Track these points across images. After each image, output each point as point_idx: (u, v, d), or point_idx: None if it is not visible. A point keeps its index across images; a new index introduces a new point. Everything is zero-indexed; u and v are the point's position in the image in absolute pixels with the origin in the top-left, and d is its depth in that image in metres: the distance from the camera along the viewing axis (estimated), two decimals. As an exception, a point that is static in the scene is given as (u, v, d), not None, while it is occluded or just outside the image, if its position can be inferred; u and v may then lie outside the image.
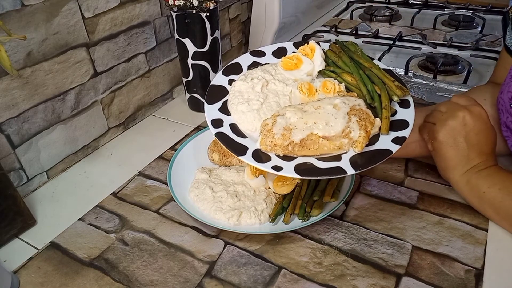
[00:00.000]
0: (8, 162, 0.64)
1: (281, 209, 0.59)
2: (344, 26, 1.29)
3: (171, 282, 0.52)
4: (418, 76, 0.96)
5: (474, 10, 1.33)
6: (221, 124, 0.57)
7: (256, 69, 0.64)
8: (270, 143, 0.53)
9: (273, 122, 0.54)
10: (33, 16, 0.62)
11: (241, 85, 0.60)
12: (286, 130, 0.53)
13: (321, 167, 0.51)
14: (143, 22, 0.82)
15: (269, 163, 0.52)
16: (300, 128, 0.53)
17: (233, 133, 0.56)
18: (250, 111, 0.57)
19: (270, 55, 0.68)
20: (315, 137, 0.52)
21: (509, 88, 0.61)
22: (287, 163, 0.52)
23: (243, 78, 0.62)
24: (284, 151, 0.53)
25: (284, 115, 0.54)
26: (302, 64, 0.63)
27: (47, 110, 0.68)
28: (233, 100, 0.59)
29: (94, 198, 0.66)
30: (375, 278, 0.51)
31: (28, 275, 0.54)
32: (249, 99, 0.59)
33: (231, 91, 0.61)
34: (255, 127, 0.57)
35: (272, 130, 0.53)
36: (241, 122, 0.57)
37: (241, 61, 0.66)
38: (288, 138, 0.52)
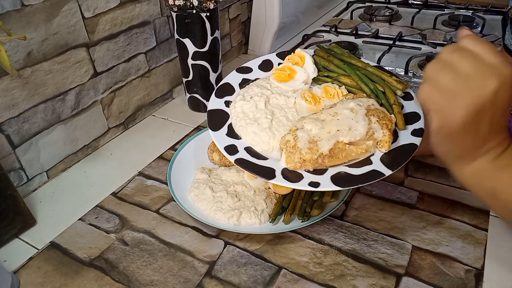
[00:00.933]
0: (8, 162, 0.64)
1: (281, 209, 0.59)
2: (344, 26, 1.29)
3: (171, 282, 0.52)
4: (418, 76, 0.96)
5: (474, 10, 1.33)
6: (236, 149, 0.53)
7: (250, 87, 0.61)
8: (299, 159, 0.50)
9: (295, 137, 0.51)
10: (33, 16, 0.62)
11: (243, 105, 0.58)
12: (311, 143, 0.51)
13: (356, 174, 0.50)
14: (143, 22, 0.82)
15: (303, 181, 0.49)
16: (325, 138, 0.51)
17: (252, 157, 0.53)
18: (262, 130, 0.55)
19: (257, 69, 0.65)
20: (341, 144, 0.51)
21: None
22: (321, 177, 0.50)
23: (242, 98, 0.59)
24: (314, 165, 0.50)
25: (303, 128, 0.52)
26: (296, 74, 0.61)
27: (47, 110, 0.68)
28: (239, 122, 0.56)
29: (94, 198, 0.66)
30: (375, 278, 0.51)
31: (28, 275, 0.54)
32: (256, 118, 0.56)
33: (234, 114, 0.58)
34: (272, 146, 0.54)
35: (297, 146, 0.50)
36: (255, 144, 0.55)
37: (230, 81, 0.63)
38: (316, 150, 0.50)
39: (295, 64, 0.62)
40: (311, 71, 0.62)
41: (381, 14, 1.36)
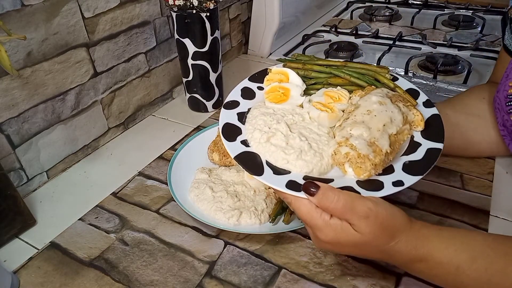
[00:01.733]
0: (8, 162, 0.64)
1: (281, 209, 0.59)
2: (344, 26, 1.29)
3: (171, 282, 0.52)
4: (418, 76, 0.96)
5: (474, 10, 1.33)
6: (298, 183, 0.47)
7: (255, 118, 0.55)
8: (371, 166, 0.47)
9: (352, 147, 0.48)
10: (33, 16, 0.62)
11: (270, 139, 0.52)
12: (372, 146, 0.48)
13: (417, 158, 0.49)
14: (143, 22, 0.82)
15: (386, 185, 0.46)
16: (379, 136, 0.49)
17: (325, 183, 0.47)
18: (307, 155, 0.50)
19: (242, 100, 0.58)
20: (393, 137, 0.50)
21: (505, 87, 0.62)
22: (393, 175, 0.48)
23: (260, 132, 0.53)
24: (384, 165, 0.48)
25: (353, 136, 0.49)
26: (290, 91, 0.58)
27: (47, 110, 0.68)
28: (279, 156, 0.50)
29: (94, 198, 0.66)
30: (375, 278, 0.51)
31: (28, 275, 0.54)
32: (292, 146, 0.51)
33: (265, 151, 0.51)
34: (325, 166, 0.50)
35: (362, 154, 0.47)
36: (310, 171, 0.49)
37: (228, 121, 0.55)
38: (380, 151, 0.48)
39: (281, 82, 0.59)
40: (300, 83, 0.59)
41: (381, 14, 1.36)
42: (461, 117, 0.67)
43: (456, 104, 0.69)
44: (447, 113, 0.67)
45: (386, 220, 0.43)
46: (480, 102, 0.68)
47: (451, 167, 0.68)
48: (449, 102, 0.71)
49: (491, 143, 0.67)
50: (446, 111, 0.67)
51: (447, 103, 0.70)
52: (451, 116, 0.66)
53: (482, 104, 0.68)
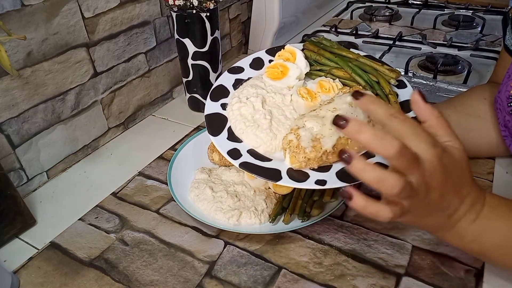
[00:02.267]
0: (8, 162, 0.64)
1: (281, 209, 0.59)
2: (344, 26, 1.29)
3: (171, 282, 0.52)
4: (418, 76, 0.96)
5: (474, 10, 1.33)
6: (239, 153, 0.53)
7: (244, 87, 0.60)
8: (303, 158, 0.50)
9: (297, 137, 0.51)
10: (33, 16, 0.62)
11: (240, 108, 0.57)
12: (315, 141, 0.50)
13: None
14: (143, 22, 0.82)
15: (309, 180, 0.49)
16: (327, 135, 0.51)
17: (256, 159, 0.53)
18: (262, 131, 0.54)
19: (248, 68, 0.65)
20: (344, 140, 0.51)
21: (506, 87, 0.62)
22: (326, 174, 0.50)
23: (238, 100, 0.59)
24: (319, 163, 0.50)
25: (305, 127, 0.52)
26: (289, 71, 0.60)
27: (47, 110, 0.68)
28: (239, 125, 0.56)
29: (94, 198, 0.66)
30: (375, 278, 0.51)
31: (28, 275, 0.54)
32: (255, 120, 0.56)
33: (232, 117, 0.57)
34: (274, 147, 0.54)
35: (301, 145, 0.50)
36: (258, 146, 0.54)
37: (223, 83, 0.62)
38: (320, 148, 0.50)
39: (287, 60, 0.62)
40: (303, 66, 0.61)
41: (381, 14, 1.36)
42: (463, 118, 0.67)
43: (457, 104, 0.69)
44: (449, 114, 0.67)
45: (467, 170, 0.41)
46: (481, 102, 0.68)
47: (451, 167, 0.68)
48: (450, 102, 0.71)
49: (492, 144, 0.67)
50: (448, 112, 0.67)
51: (448, 104, 0.70)
52: (453, 117, 0.66)
53: (483, 105, 0.68)
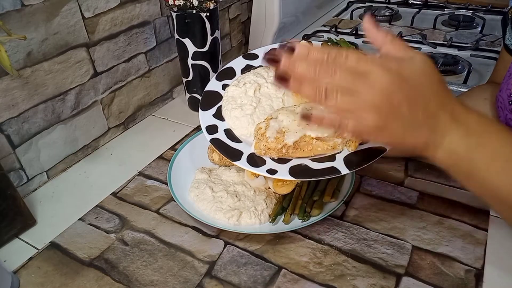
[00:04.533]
0: (8, 162, 0.64)
1: (281, 209, 0.59)
2: (344, 26, 1.29)
3: (171, 282, 0.52)
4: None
5: (474, 10, 1.33)
6: (216, 130, 0.57)
7: (248, 73, 0.63)
8: (264, 147, 0.53)
9: (266, 126, 0.54)
10: (33, 16, 0.62)
11: (234, 91, 0.60)
12: (279, 133, 0.53)
13: (315, 168, 0.51)
14: (143, 22, 0.82)
15: (263, 167, 0.52)
16: (293, 130, 0.53)
17: (228, 139, 0.56)
18: (243, 116, 0.58)
19: (262, 56, 0.67)
20: (308, 138, 0.52)
21: (507, 86, 0.62)
22: (281, 166, 0.52)
23: (236, 83, 0.62)
24: (278, 154, 0.53)
25: (277, 118, 0.54)
26: None
27: (47, 110, 0.68)
28: (226, 106, 0.59)
29: (94, 198, 0.66)
30: (375, 278, 0.51)
31: (28, 275, 0.54)
32: (242, 104, 0.59)
33: (225, 97, 0.61)
34: (250, 132, 0.57)
35: (265, 134, 0.53)
36: (235, 128, 0.58)
37: (234, 65, 0.66)
38: (282, 141, 0.53)
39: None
40: None
41: (381, 14, 1.36)
42: None
43: None
44: None
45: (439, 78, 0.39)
46: (482, 103, 0.68)
47: (451, 167, 0.68)
48: None
49: None
50: None
51: None
52: None
53: (483, 105, 0.68)
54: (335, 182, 0.62)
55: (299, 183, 0.62)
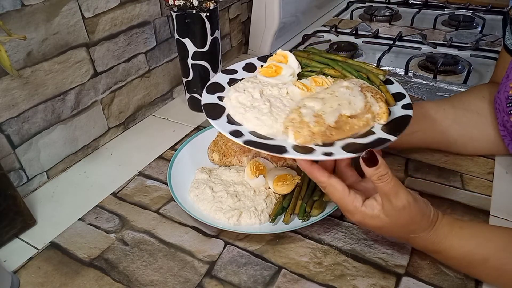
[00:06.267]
0: (8, 162, 0.64)
1: (281, 209, 0.59)
2: (344, 26, 1.29)
3: (171, 282, 0.52)
4: (418, 76, 0.96)
5: (474, 10, 1.33)
6: (241, 133, 0.52)
7: (240, 83, 0.61)
8: (308, 132, 0.50)
9: (299, 114, 0.51)
10: (33, 16, 0.62)
11: (238, 97, 0.57)
12: (317, 117, 0.51)
13: (365, 142, 0.50)
14: (143, 22, 0.82)
15: (316, 152, 0.48)
16: (328, 111, 0.51)
17: (259, 138, 0.52)
18: (263, 115, 0.54)
19: (241, 71, 0.66)
20: (344, 117, 0.52)
21: (505, 88, 0.62)
22: (331, 148, 0.49)
23: (235, 90, 0.59)
24: (322, 138, 0.50)
25: (306, 106, 0.53)
26: (282, 70, 0.62)
27: (47, 110, 0.68)
28: (238, 111, 0.55)
29: (94, 198, 0.66)
30: (375, 278, 0.51)
31: (28, 275, 0.54)
32: (254, 106, 0.56)
33: (231, 105, 0.57)
34: (276, 130, 0.53)
35: (304, 121, 0.50)
36: (259, 128, 0.53)
37: (218, 80, 0.63)
38: (323, 123, 0.50)
39: (280, 63, 0.64)
40: (295, 66, 0.63)
41: (381, 14, 1.36)
42: (459, 112, 0.67)
43: (455, 101, 0.69)
44: (445, 108, 0.67)
45: (415, 217, 0.47)
46: (480, 100, 0.68)
47: (451, 167, 0.68)
48: (449, 99, 0.71)
49: (490, 142, 0.67)
50: (444, 107, 0.67)
51: (446, 100, 0.70)
52: (449, 112, 0.67)
53: (481, 103, 0.68)
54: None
55: (299, 182, 0.62)
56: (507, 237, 0.47)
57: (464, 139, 0.68)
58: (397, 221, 0.47)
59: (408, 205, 0.46)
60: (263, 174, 0.63)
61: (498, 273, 0.46)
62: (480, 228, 0.50)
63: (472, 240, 0.48)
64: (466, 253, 0.47)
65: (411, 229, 0.48)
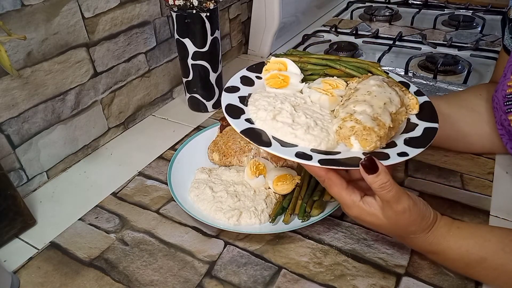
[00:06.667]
0: (8, 162, 0.64)
1: (281, 209, 0.59)
2: (344, 26, 1.29)
3: (171, 282, 0.52)
4: (418, 76, 0.96)
5: (474, 10, 1.33)
6: (307, 155, 0.48)
7: (257, 100, 0.56)
8: (377, 138, 0.48)
9: (357, 121, 0.50)
10: (33, 16, 0.62)
11: (275, 116, 0.53)
12: (376, 120, 0.50)
13: (416, 135, 0.52)
14: (143, 22, 0.82)
15: (392, 157, 0.48)
16: (381, 113, 0.51)
17: (327, 155, 0.49)
18: (315, 130, 0.51)
19: (243, 86, 0.59)
20: (393, 115, 0.52)
21: (503, 86, 0.62)
22: (392, 150, 0.49)
23: (264, 111, 0.53)
24: (387, 140, 0.50)
25: (357, 112, 0.51)
26: (290, 78, 0.59)
27: (47, 110, 0.68)
28: (286, 131, 0.51)
29: (94, 198, 0.66)
30: (375, 278, 0.51)
31: (28, 275, 0.54)
32: (299, 122, 0.52)
33: (272, 128, 0.52)
34: (332, 141, 0.51)
35: (368, 127, 0.49)
36: (318, 144, 0.50)
37: (230, 102, 0.56)
38: (384, 125, 0.50)
39: (281, 71, 0.61)
40: (298, 72, 0.61)
41: (381, 14, 1.36)
42: (454, 109, 0.67)
43: (451, 98, 0.70)
44: (439, 104, 0.67)
45: (415, 220, 0.47)
46: (476, 97, 0.68)
47: (451, 167, 0.68)
48: (445, 96, 0.72)
49: (483, 138, 0.67)
50: (438, 102, 0.67)
51: (443, 97, 0.71)
52: (444, 108, 0.67)
53: (477, 100, 0.68)
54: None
55: (299, 182, 0.62)
56: (505, 237, 0.47)
57: (456, 134, 0.68)
58: (396, 222, 0.47)
59: (408, 209, 0.46)
60: (263, 174, 0.63)
61: (496, 273, 0.46)
62: (478, 228, 0.50)
63: (469, 240, 0.47)
64: (463, 253, 0.47)
65: (410, 230, 0.48)
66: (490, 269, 0.46)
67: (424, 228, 0.48)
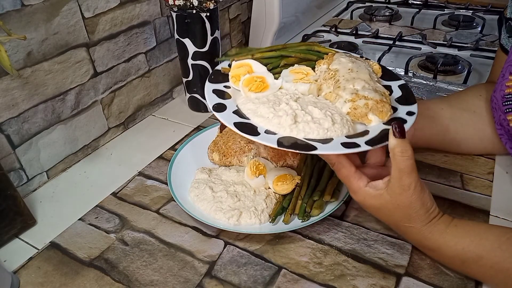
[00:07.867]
0: (8, 162, 0.64)
1: (281, 209, 0.59)
2: (344, 26, 1.29)
3: (171, 282, 0.52)
4: (418, 76, 0.96)
5: (474, 10, 1.33)
6: (355, 144, 0.48)
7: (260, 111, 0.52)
8: (389, 107, 0.52)
9: (366, 97, 0.51)
10: (33, 16, 0.62)
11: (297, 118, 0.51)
12: (377, 92, 0.53)
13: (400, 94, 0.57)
14: (143, 22, 0.82)
15: (409, 121, 0.52)
16: (374, 84, 0.54)
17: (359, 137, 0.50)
18: (337, 117, 0.51)
19: (225, 101, 0.56)
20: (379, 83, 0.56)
21: (501, 86, 0.62)
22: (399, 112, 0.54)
23: (274, 115, 0.51)
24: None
25: (358, 89, 0.52)
26: (266, 78, 0.57)
27: (47, 110, 0.68)
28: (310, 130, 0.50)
29: (94, 198, 0.66)
30: (375, 278, 0.51)
31: (28, 275, 0.54)
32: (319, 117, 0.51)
33: (295, 129, 0.50)
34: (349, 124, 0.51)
35: (379, 100, 0.52)
36: (343, 133, 0.50)
37: (235, 120, 0.52)
38: (384, 93, 0.54)
39: (249, 73, 0.58)
40: (265, 70, 0.60)
41: (381, 14, 1.36)
42: (456, 112, 0.67)
43: (452, 100, 0.70)
44: (442, 107, 0.67)
45: (415, 202, 0.47)
46: (477, 98, 0.68)
47: (451, 167, 0.68)
48: (446, 98, 0.71)
49: (485, 140, 0.68)
50: (442, 106, 0.68)
51: (444, 99, 0.71)
52: (446, 111, 0.67)
53: (478, 101, 0.68)
54: (336, 181, 0.62)
55: (299, 182, 0.62)
56: (502, 236, 0.47)
57: (461, 137, 0.68)
58: (396, 201, 0.48)
59: (414, 187, 0.46)
60: (263, 174, 0.63)
61: (493, 271, 0.46)
62: (475, 226, 0.50)
63: (466, 238, 0.48)
64: (460, 251, 0.47)
65: (407, 213, 0.48)
66: (486, 267, 0.47)
67: (422, 218, 0.48)
